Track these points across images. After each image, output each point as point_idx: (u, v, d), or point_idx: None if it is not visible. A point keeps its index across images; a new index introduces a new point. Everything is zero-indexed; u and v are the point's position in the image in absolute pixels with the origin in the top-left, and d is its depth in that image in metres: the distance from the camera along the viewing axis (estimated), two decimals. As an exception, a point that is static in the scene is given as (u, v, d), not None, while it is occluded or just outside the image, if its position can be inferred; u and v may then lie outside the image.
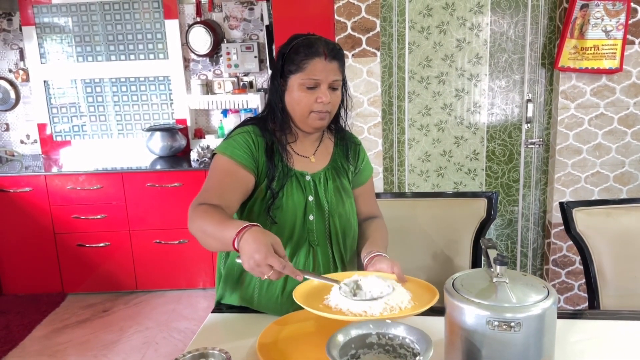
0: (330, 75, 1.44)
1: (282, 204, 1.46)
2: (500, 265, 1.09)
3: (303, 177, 1.50)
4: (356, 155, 1.63)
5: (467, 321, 1.02)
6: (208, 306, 3.42)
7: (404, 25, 2.85)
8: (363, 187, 1.65)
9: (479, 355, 1.01)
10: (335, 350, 0.93)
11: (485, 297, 1.02)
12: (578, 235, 1.78)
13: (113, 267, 3.57)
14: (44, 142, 3.97)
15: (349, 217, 1.56)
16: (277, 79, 1.48)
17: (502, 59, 2.88)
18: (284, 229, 1.47)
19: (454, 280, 1.11)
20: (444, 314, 1.09)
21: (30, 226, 3.49)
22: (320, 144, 1.58)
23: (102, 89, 3.90)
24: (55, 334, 3.17)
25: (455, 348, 1.05)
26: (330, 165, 1.56)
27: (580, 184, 2.90)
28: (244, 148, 1.45)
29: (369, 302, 1.17)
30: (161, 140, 3.66)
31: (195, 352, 1.16)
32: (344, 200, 1.55)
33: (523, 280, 1.09)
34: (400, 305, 1.18)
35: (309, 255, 1.50)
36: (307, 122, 1.47)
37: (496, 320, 0.99)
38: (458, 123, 2.97)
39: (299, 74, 1.43)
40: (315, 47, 1.42)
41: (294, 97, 1.45)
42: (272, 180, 1.46)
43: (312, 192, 1.50)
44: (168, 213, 3.46)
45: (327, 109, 1.46)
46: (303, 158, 1.53)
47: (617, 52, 2.65)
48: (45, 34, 3.81)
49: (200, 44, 3.65)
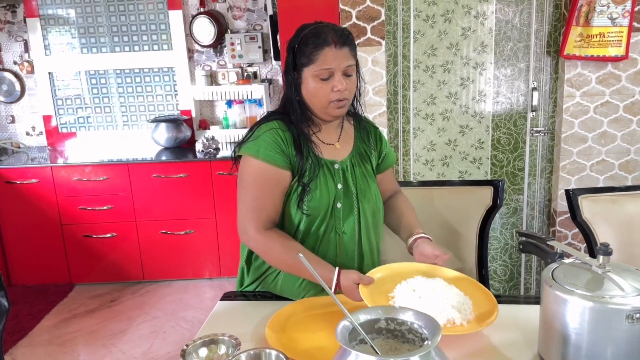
0: (343, 62, 1.43)
1: (317, 195, 1.46)
2: (604, 255, 1.10)
3: (332, 166, 1.51)
4: (377, 139, 1.64)
5: (600, 319, 1.02)
6: (214, 295, 3.44)
7: (409, 14, 2.84)
8: (387, 172, 1.68)
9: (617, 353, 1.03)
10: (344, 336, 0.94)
11: (609, 290, 1.03)
12: (584, 222, 1.78)
13: (120, 257, 3.59)
14: (49, 133, 3.99)
15: (376, 202, 1.57)
16: (290, 73, 1.47)
17: (508, 47, 2.87)
18: (315, 219, 1.48)
19: (553, 276, 1.11)
20: (550, 312, 1.09)
21: (38, 217, 3.52)
22: (342, 130, 1.59)
23: (106, 80, 3.91)
24: (63, 324, 3.20)
25: (578, 349, 1.06)
26: (354, 151, 1.57)
27: (585, 172, 2.89)
28: (275, 147, 1.44)
29: (435, 310, 1.22)
30: (166, 131, 3.67)
31: (205, 339, 1.18)
32: (370, 185, 1.56)
33: (619, 269, 1.10)
34: (463, 320, 1.23)
35: (336, 243, 1.51)
36: (327, 111, 1.47)
37: (637, 313, 0.99)
38: (463, 112, 2.96)
39: (312, 66, 1.42)
40: (323, 37, 1.41)
41: (310, 89, 1.45)
42: (303, 174, 1.46)
43: (340, 180, 1.51)
44: (174, 204, 3.48)
45: (345, 96, 1.46)
46: (329, 146, 1.53)
47: (623, 40, 2.63)
48: (49, 25, 3.81)
49: (204, 35, 3.65)
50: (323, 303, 1.42)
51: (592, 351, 1.04)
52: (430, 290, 1.27)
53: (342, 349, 0.91)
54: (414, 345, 1.01)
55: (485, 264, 1.87)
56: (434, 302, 1.23)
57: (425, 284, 1.30)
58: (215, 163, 3.42)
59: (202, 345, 1.17)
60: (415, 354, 0.86)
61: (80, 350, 2.91)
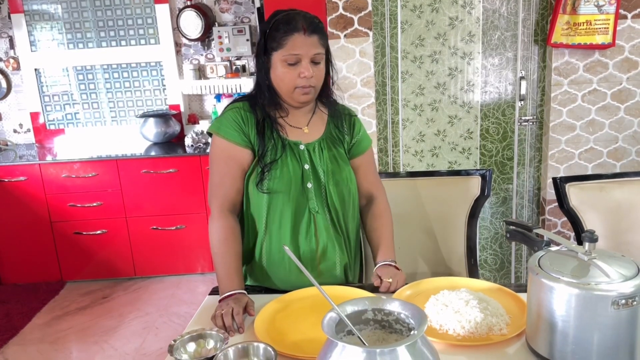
0: (311, 49, 1.45)
1: (277, 173, 1.50)
2: (589, 242, 1.10)
3: (297, 147, 1.54)
4: (351, 126, 1.64)
5: (586, 305, 1.02)
6: (207, 290, 3.42)
7: (395, 4, 2.83)
8: (361, 157, 1.66)
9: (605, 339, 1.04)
10: (331, 327, 0.94)
11: (595, 277, 1.04)
12: (571, 210, 1.79)
13: (111, 254, 3.58)
14: (37, 131, 3.95)
15: (347, 184, 1.58)
16: (261, 57, 1.51)
17: (495, 37, 2.87)
18: (280, 197, 1.51)
19: (540, 263, 1.11)
20: (538, 299, 1.09)
21: (27, 215, 3.49)
22: (314, 116, 1.60)
23: (94, 76, 3.87)
24: (55, 322, 3.19)
25: (565, 335, 1.06)
26: (324, 136, 1.59)
27: (574, 160, 2.90)
28: (234, 125, 1.50)
29: (475, 322, 1.22)
30: (155, 126, 3.65)
31: (193, 333, 1.17)
32: (341, 167, 1.58)
33: (604, 255, 1.10)
34: (502, 323, 1.23)
35: (310, 222, 1.55)
36: (293, 97, 1.50)
37: (622, 299, 1.00)
38: (452, 102, 2.96)
39: (280, 51, 1.45)
40: (294, 23, 1.44)
41: (278, 73, 1.48)
42: (263, 156, 1.50)
43: (307, 161, 1.54)
44: (164, 199, 3.47)
45: (311, 84, 1.48)
46: (296, 129, 1.56)
47: (610, 27, 2.64)
48: (34, 21, 3.77)
49: (191, 28, 3.62)
50: (311, 295, 1.42)
51: (579, 337, 1.04)
52: (462, 302, 1.26)
53: (328, 340, 0.91)
54: (402, 335, 1.01)
55: (475, 254, 1.88)
56: (472, 313, 1.23)
57: (455, 297, 1.30)
58: (205, 158, 3.40)
59: (190, 340, 1.16)
60: (402, 344, 0.87)
61: (72, 348, 2.90)
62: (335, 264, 1.58)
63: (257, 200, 1.53)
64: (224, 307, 1.33)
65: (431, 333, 1.21)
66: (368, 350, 0.87)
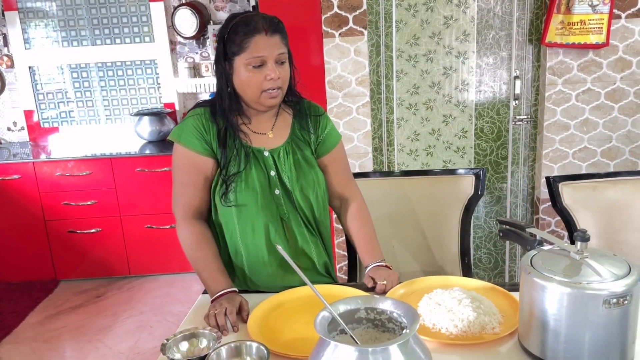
0: (274, 49, 1.41)
1: (242, 185, 1.46)
2: (581, 242, 1.10)
3: (261, 153, 1.50)
4: (317, 124, 1.59)
5: (577, 304, 1.03)
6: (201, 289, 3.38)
7: (390, 3, 2.83)
8: (330, 155, 1.60)
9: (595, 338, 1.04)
10: (324, 326, 0.94)
11: (587, 276, 1.04)
12: (565, 209, 1.80)
13: (105, 252, 3.57)
14: (31, 129, 3.94)
15: (313, 188, 1.54)
16: (221, 63, 1.45)
17: (490, 36, 2.87)
18: (249, 208, 1.47)
19: (532, 262, 1.11)
20: (531, 299, 1.10)
21: (21, 214, 3.48)
22: (277, 119, 1.56)
23: (88, 74, 3.86)
24: (49, 320, 3.18)
25: (557, 334, 1.07)
26: (289, 139, 1.54)
27: (568, 160, 2.91)
28: (196, 134, 1.46)
29: (468, 320, 1.22)
30: (149, 124, 3.64)
31: (186, 332, 1.17)
32: (306, 172, 1.53)
33: (596, 254, 1.11)
34: (495, 322, 1.23)
35: (283, 228, 1.53)
36: (260, 101, 1.45)
37: (614, 298, 1.00)
38: (446, 101, 2.97)
39: (243, 55, 1.40)
40: (253, 24, 1.39)
41: (242, 78, 1.43)
42: (226, 167, 1.46)
43: (272, 167, 1.50)
44: (159, 198, 3.46)
45: (278, 85, 1.44)
46: (260, 135, 1.52)
47: (604, 27, 2.65)
48: (28, 19, 3.75)
49: (186, 26, 3.61)
50: (304, 294, 1.42)
51: (571, 337, 1.05)
52: (455, 301, 1.27)
53: (321, 339, 0.91)
54: (394, 334, 1.02)
55: (469, 253, 1.88)
56: (464, 312, 1.23)
57: (448, 296, 1.30)
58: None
59: (182, 339, 1.16)
60: (393, 343, 0.87)
61: (66, 347, 2.90)
62: (315, 264, 1.58)
63: (226, 212, 1.49)
64: (217, 307, 1.33)
65: (424, 332, 1.21)
66: (360, 349, 0.87)
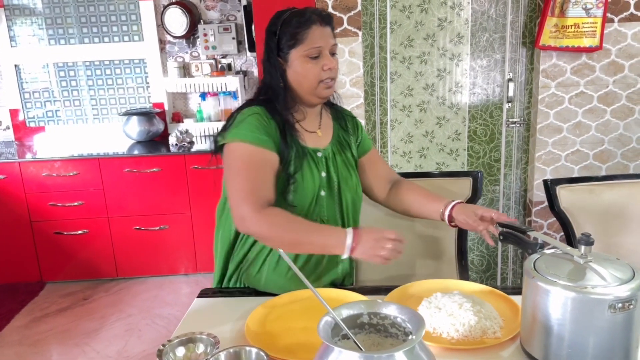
0: (329, 40, 1.44)
1: (300, 185, 1.44)
2: (585, 245, 1.09)
3: (316, 154, 1.49)
4: (355, 126, 1.64)
5: (582, 309, 1.01)
6: (191, 292, 3.39)
7: (385, 4, 2.82)
8: (370, 154, 1.65)
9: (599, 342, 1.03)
10: (327, 332, 0.92)
11: (591, 281, 1.03)
12: (562, 212, 1.79)
13: (92, 254, 3.51)
14: (16, 128, 3.87)
15: (357, 190, 1.57)
16: (273, 59, 1.43)
17: (484, 38, 2.87)
18: (301, 209, 1.45)
19: (535, 266, 1.10)
20: (534, 304, 1.08)
21: (6, 215, 3.41)
22: (322, 118, 1.58)
23: (75, 72, 3.80)
24: (35, 324, 3.11)
25: (561, 339, 1.05)
26: (334, 139, 1.56)
27: (560, 163, 2.92)
28: (261, 130, 1.40)
29: (469, 325, 1.20)
30: (138, 124, 3.59)
31: (182, 337, 1.14)
32: (351, 173, 1.56)
33: (600, 258, 1.09)
34: (496, 327, 1.21)
35: None
36: (316, 92, 1.45)
37: (619, 302, 0.99)
38: (440, 103, 2.96)
39: (300, 46, 1.40)
40: (308, 15, 1.40)
41: (299, 71, 1.42)
42: (287, 164, 1.43)
43: (324, 168, 1.50)
44: (147, 199, 3.41)
45: (334, 75, 1.45)
46: (311, 134, 1.52)
47: (597, 30, 2.65)
48: (14, 16, 3.68)
49: (176, 25, 3.57)
50: (301, 298, 1.39)
51: (575, 341, 1.03)
52: (456, 306, 1.24)
53: (324, 345, 0.89)
54: (397, 339, 0.99)
55: (465, 255, 1.87)
56: (466, 316, 1.21)
57: (448, 300, 1.27)
58: (189, 157, 3.35)
59: (179, 345, 1.13)
60: (400, 349, 0.84)
61: (52, 351, 2.83)
62: (338, 267, 1.57)
63: None
64: (379, 242, 1.30)
65: (425, 337, 1.19)
66: (366, 356, 0.84)
